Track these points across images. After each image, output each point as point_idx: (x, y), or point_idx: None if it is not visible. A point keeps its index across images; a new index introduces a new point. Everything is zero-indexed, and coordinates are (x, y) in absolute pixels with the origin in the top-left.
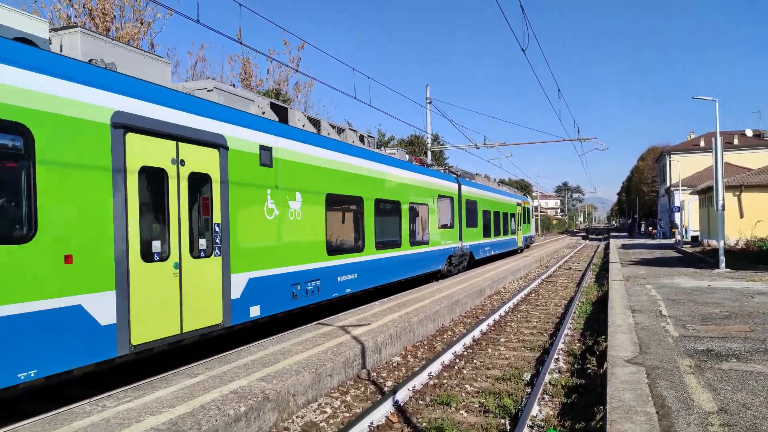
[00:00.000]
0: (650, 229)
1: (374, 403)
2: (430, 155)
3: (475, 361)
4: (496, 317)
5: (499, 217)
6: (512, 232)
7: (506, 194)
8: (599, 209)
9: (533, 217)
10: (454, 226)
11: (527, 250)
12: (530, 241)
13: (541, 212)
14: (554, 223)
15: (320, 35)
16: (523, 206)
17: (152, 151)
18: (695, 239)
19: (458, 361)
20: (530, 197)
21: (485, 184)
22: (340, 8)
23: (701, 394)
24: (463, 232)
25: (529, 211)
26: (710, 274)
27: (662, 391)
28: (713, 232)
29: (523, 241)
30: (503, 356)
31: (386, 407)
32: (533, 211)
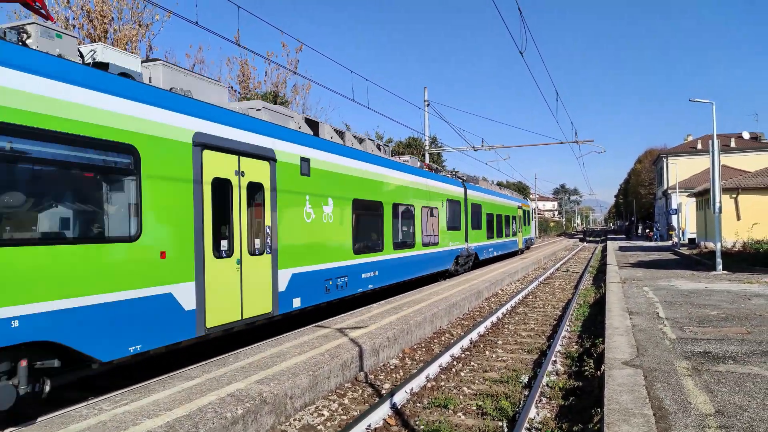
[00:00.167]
0: (647, 231)
1: (372, 405)
2: (428, 157)
3: (472, 363)
4: (493, 319)
5: (501, 219)
6: (513, 234)
7: (508, 198)
8: (597, 211)
9: (533, 219)
10: (460, 228)
11: (527, 251)
12: (530, 242)
13: (538, 214)
14: (552, 225)
15: (318, 36)
16: (523, 209)
17: (221, 164)
18: (692, 241)
19: (456, 363)
20: (528, 199)
21: (488, 188)
22: (338, 8)
23: (698, 396)
24: (468, 234)
25: (529, 213)
26: (707, 276)
27: (659, 393)
28: (710, 234)
29: (523, 242)
30: (501, 359)
31: (384, 410)
32: (533, 213)
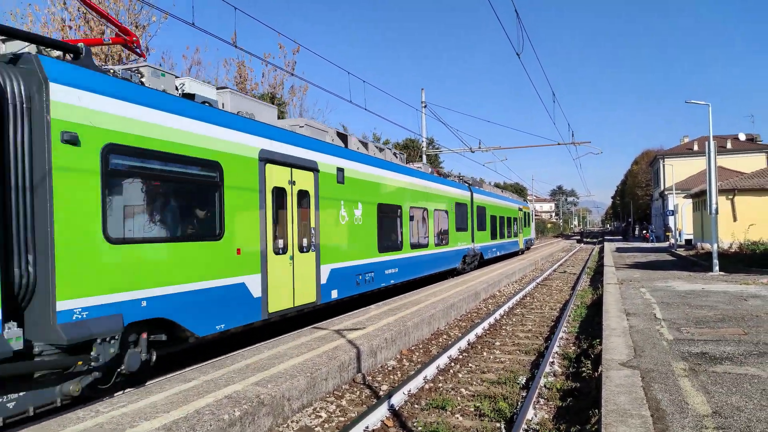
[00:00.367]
0: (644, 232)
1: (369, 407)
2: (425, 159)
3: (470, 364)
4: (491, 320)
5: (504, 221)
6: (515, 234)
7: (509, 200)
8: (594, 213)
9: (532, 221)
10: (467, 229)
11: (527, 251)
12: (530, 243)
13: (536, 216)
14: (549, 226)
15: (315, 36)
16: (523, 211)
17: (278, 175)
18: (689, 242)
19: (454, 364)
20: (526, 201)
21: (492, 191)
22: (335, 9)
23: (696, 397)
24: (474, 234)
25: (528, 215)
26: (704, 277)
27: (657, 394)
28: (707, 235)
29: (524, 243)
30: (499, 360)
31: (381, 411)
32: (532, 215)
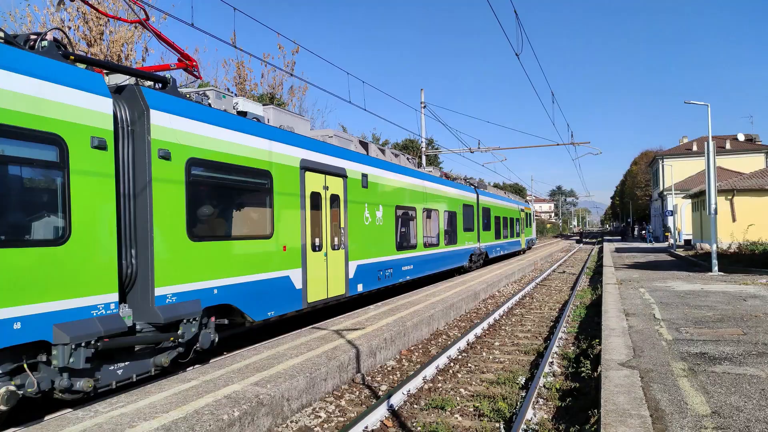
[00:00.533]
0: (643, 233)
1: (369, 407)
2: (424, 159)
3: (469, 364)
4: (490, 321)
5: (507, 222)
6: (517, 234)
7: (512, 201)
8: (593, 213)
9: (534, 221)
10: (474, 229)
11: (529, 251)
12: (532, 243)
13: (535, 216)
14: (548, 226)
15: (315, 36)
16: (525, 212)
17: (314, 181)
18: (688, 243)
19: (453, 365)
20: (525, 201)
21: (496, 193)
22: (334, 10)
23: (695, 397)
24: (480, 234)
25: (530, 216)
26: (703, 277)
27: (656, 394)
28: (706, 235)
29: (526, 243)
30: (498, 360)
31: (381, 411)
32: (533, 216)
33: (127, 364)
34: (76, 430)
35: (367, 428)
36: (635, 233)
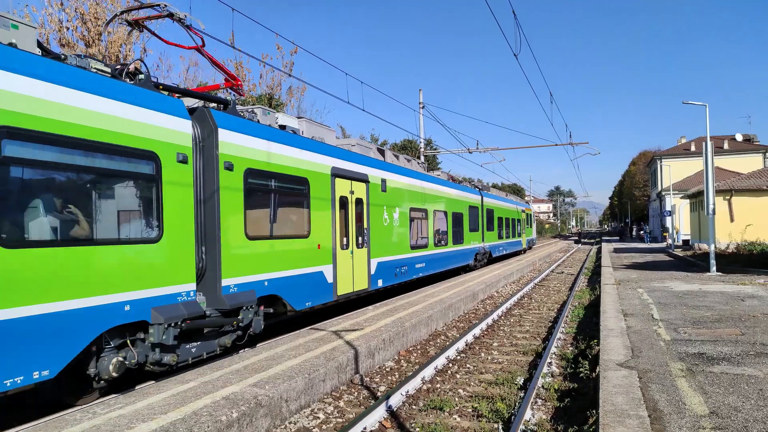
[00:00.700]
0: (641, 233)
1: (367, 408)
2: (423, 159)
3: (468, 365)
4: (489, 321)
5: (509, 222)
6: (518, 234)
7: (513, 202)
8: (591, 213)
9: (534, 222)
10: (478, 230)
11: (529, 250)
12: (532, 243)
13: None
14: (547, 227)
15: (313, 37)
16: (526, 213)
17: (342, 187)
18: (686, 243)
19: (451, 365)
20: (524, 202)
21: (498, 195)
22: (333, 10)
23: (693, 397)
24: (484, 234)
25: (531, 217)
26: (701, 277)
27: (654, 394)
28: (704, 236)
29: (527, 243)
30: (496, 360)
31: (379, 412)
32: (533, 217)
33: (198, 343)
34: (74, 431)
35: (365, 429)
36: (633, 233)
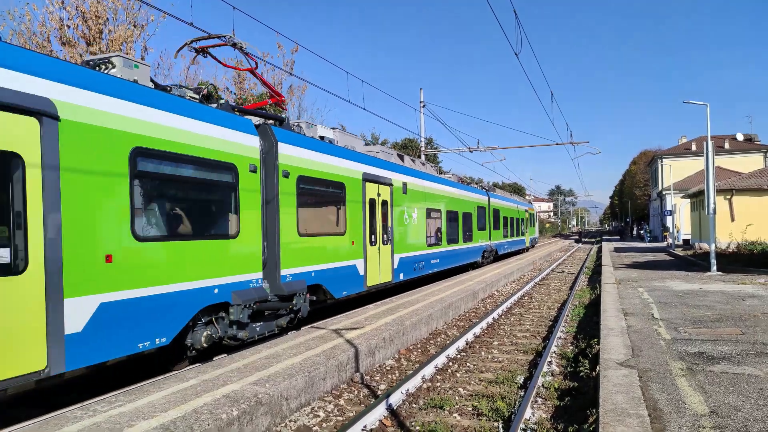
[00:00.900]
0: (641, 232)
1: (367, 406)
2: (423, 158)
3: (468, 364)
4: (489, 320)
5: (513, 222)
6: (522, 233)
7: (517, 202)
8: (592, 213)
9: (536, 221)
10: (485, 229)
11: (532, 249)
12: (535, 241)
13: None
14: (547, 226)
15: (314, 35)
16: (529, 212)
17: (371, 190)
18: (687, 242)
19: (452, 364)
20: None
21: (504, 195)
22: (333, 9)
23: (693, 396)
24: (491, 233)
25: (533, 216)
26: (702, 277)
27: (654, 393)
28: (705, 235)
29: (530, 241)
30: (497, 359)
31: (380, 411)
32: (536, 216)
33: (261, 323)
34: (74, 428)
35: (365, 427)
36: (634, 233)
